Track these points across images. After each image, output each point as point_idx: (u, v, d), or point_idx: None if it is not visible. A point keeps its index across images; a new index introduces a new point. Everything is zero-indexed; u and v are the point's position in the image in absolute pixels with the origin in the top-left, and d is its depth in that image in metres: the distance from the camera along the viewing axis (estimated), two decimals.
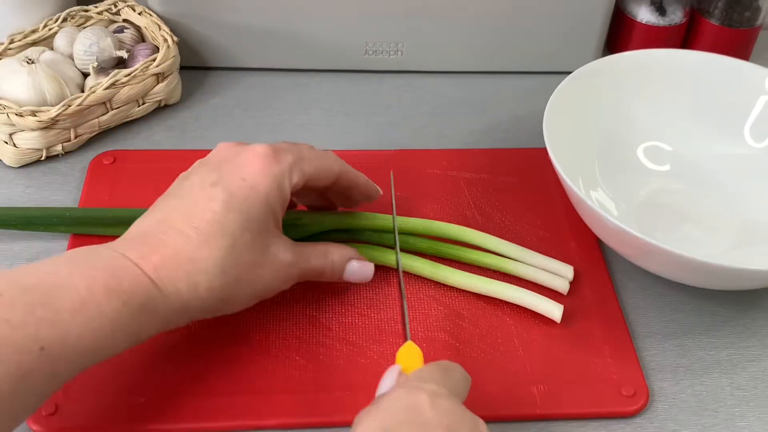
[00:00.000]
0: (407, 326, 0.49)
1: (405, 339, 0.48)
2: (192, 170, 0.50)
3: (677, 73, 0.65)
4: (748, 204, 0.62)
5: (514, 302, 0.55)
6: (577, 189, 0.53)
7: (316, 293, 0.55)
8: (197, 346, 0.52)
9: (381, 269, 0.56)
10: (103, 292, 0.42)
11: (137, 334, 0.44)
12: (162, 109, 0.70)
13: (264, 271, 0.48)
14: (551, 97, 0.59)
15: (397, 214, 0.58)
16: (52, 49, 0.68)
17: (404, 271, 0.56)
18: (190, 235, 0.45)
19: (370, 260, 0.55)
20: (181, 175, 0.51)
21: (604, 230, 0.54)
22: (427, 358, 0.52)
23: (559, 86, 0.60)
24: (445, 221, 0.59)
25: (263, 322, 0.53)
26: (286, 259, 0.49)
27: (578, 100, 0.62)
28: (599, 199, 0.61)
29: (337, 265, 0.52)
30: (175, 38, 0.68)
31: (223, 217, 0.46)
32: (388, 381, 0.44)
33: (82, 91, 0.66)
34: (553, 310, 0.54)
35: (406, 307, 0.50)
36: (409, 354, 0.46)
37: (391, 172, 0.61)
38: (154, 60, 0.66)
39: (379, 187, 0.56)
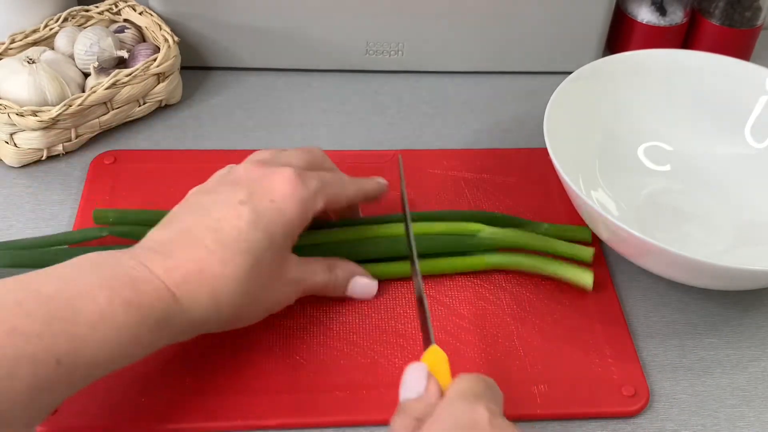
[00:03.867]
0: (430, 329, 0.46)
1: (430, 342, 0.45)
2: (216, 185, 0.50)
3: (678, 74, 0.65)
4: (748, 204, 0.62)
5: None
6: (578, 189, 0.53)
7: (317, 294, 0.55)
8: (197, 347, 0.52)
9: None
10: (122, 305, 0.42)
11: (151, 346, 0.44)
12: (162, 109, 0.70)
13: (276, 289, 0.49)
14: (552, 97, 0.59)
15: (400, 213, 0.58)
16: (52, 48, 0.68)
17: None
18: (216, 250, 0.45)
19: (379, 275, 0.55)
20: (199, 187, 0.51)
21: (604, 230, 0.54)
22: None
23: (560, 86, 0.60)
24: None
25: (263, 322, 0.53)
26: (295, 276, 0.50)
27: (579, 100, 0.62)
28: (599, 199, 0.61)
29: (341, 280, 0.53)
30: (176, 38, 0.68)
31: (249, 236, 0.46)
32: (415, 383, 0.42)
33: (83, 91, 0.66)
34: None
35: (428, 310, 0.48)
36: (436, 360, 0.44)
37: (399, 156, 0.61)
38: (154, 60, 0.66)
39: (383, 180, 0.56)
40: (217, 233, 0.46)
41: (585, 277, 0.55)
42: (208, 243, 0.46)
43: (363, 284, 0.54)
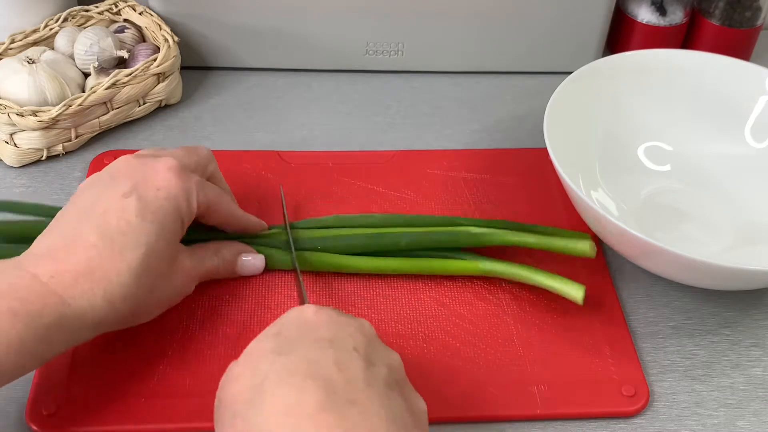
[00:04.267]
0: (304, 293, 0.53)
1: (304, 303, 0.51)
2: (96, 180, 0.49)
3: (678, 73, 0.65)
4: (748, 204, 0.62)
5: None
6: (578, 189, 0.53)
7: (317, 294, 0.55)
8: (196, 347, 0.52)
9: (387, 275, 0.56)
10: (7, 316, 0.41)
11: (44, 354, 0.43)
12: (162, 109, 0.70)
13: (173, 279, 0.49)
14: (552, 96, 0.59)
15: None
16: (52, 49, 0.68)
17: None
18: (104, 247, 0.45)
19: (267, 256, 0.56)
20: (80, 186, 0.50)
21: (604, 230, 0.54)
22: (427, 358, 0.52)
23: (560, 86, 0.60)
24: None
25: (264, 322, 0.53)
26: (188, 265, 0.50)
27: (579, 100, 0.62)
28: (600, 199, 0.61)
29: (229, 261, 0.54)
30: (176, 38, 0.68)
31: (137, 227, 0.46)
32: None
33: (83, 91, 0.66)
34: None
35: (300, 276, 0.54)
36: None
37: (281, 186, 0.61)
38: (154, 60, 0.66)
39: (263, 223, 0.56)
40: (103, 229, 0.45)
41: (575, 293, 0.53)
42: (95, 241, 0.45)
43: (251, 260, 0.55)
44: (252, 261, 0.55)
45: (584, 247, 0.54)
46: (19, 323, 0.41)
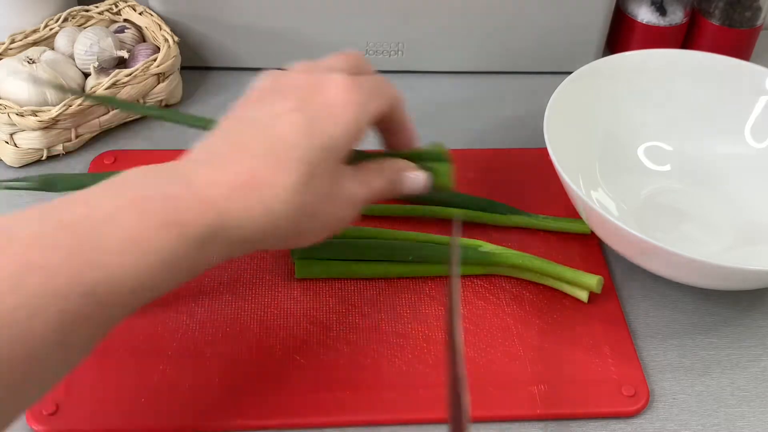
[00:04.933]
0: (455, 296, 0.47)
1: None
2: (262, 94, 0.47)
3: (678, 73, 0.65)
4: (748, 204, 0.62)
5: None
6: (578, 189, 0.53)
7: (317, 293, 0.55)
8: (197, 347, 0.52)
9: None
10: (156, 226, 0.38)
11: (196, 268, 0.41)
12: (163, 109, 0.70)
13: (336, 204, 0.46)
14: (552, 96, 0.59)
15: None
16: (52, 49, 0.68)
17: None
18: (268, 159, 0.42)
19: (383, 275, 0.56)
20: (243, 99, 0.47)
21: (605, 230, 0.54)
22: (427, 358, 0.52)
23: (560, 86, 0.60)
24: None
25: (264, 322, 0.53)
26: (354, 189, 0.47)
27: (579, 100, 0.62)
28: (600, 199, 0.61)
29: (394, 180, 0.50)
30: (176, 38, 0.68)
31: (303, 143, 0.43)
32: None
33: (83, 91, 0.66)
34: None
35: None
36: None
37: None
38: (154, 60, 0.66)
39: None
40: (267, 141, 0.43)
41: (579, 293, 0.55)
42: (258, 152, 0.42)
43: (414, 179, 0.51)
44: (416, 178, 0.51)
45: (591, 281, 0.55)
46: (171, 234, 0.39)
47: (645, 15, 0.75)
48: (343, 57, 0.49)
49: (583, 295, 0.55)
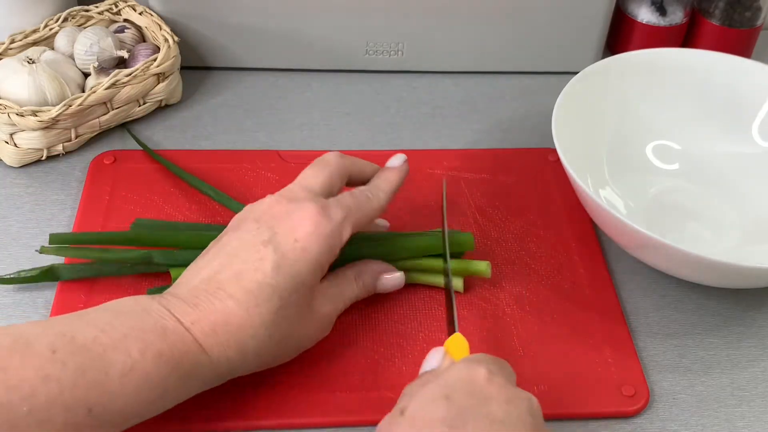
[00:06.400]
0: (455, 318, 0.50)
1: (453, 330, 0.49)
2: (241, 222, 0.49)
3: (686, 72, 0.65)
4: (756, 202, 0.62)
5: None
6: (587, 188, 0.53)
7: None
8: None
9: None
10: (153, 358, 0.42)
11: (180, 397, 0.45)
12: (162, 108, 0.70)
13: (309, 325, 0.48)
14: (559, 96, 0.59)
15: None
16: (52, 49, 0.68)
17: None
18: (240, 298, 0.45)
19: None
20: (231, 222, 0.50)
21: (614, 229, 0.54)
22: None
23: (567, 85, 0.60)
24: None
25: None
26: (327, 309, 0.49)
27: (586, 99, 0.62)
28: (608, 198, 0.61)
29: (369, 284, 0.53)
30: (176, 38, 0.68)
31: (273, 279, 0.45)
32: (433, 360, 0.46)
33: (83, 91, 0.66)
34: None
35: (454, 298, 0.51)
36: (457, 345, 0.47)
37: (444, 181, 0.61)
38: (154, 60, 0.66)
39: (403, 165, 0.55)
40: (240, 279, 0.45)
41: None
42: (233, 290, 0.45)
43: (392, 281, 0.54)
44: (393, 279, 0.54)
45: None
46: (164, 366, 0.43)
47: (645, 15, 0.75)
48: (319, 170, 0.51)
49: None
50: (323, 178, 0.51)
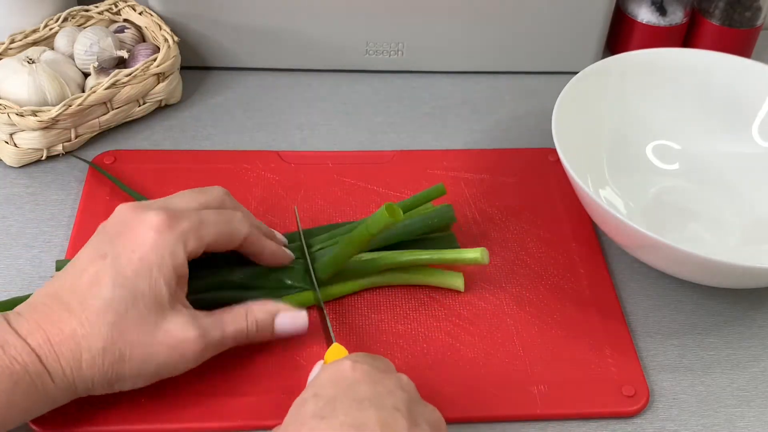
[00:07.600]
0: (330, 329, 0.51)
1: (331, 342, 0.50)
2: (97, 232, 0.48)
3: (686, 72, 0.65)
4: (756, 202, 0.62)
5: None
6: (587, 188, 0.53)
7: None
8: None
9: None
10: (1, 369, 0.42)
11: (29, 411, 0.44)
12: (162, 108, 0.70)
13: (157, 350, 0.46)
14: (560, 95, 0.59)
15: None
16: (52, 49, 0.68)
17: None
18: (75, 310, 0.44)
19: (302, 305, 0.52)
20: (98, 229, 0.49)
21: (614, 229, 0.54)
22: (427, 358, 0.52)
23: (568, 85, 0.60)
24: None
25: None
26: (187, 335, 0.46)
27: (587, 98, 0.62)
28: (608, 198, 0.61)
29: (262, 323, 0.49)
30: (176, 38, 0.68)
31: (108, 293, 0.45)
32: (312, 374, 0.47)
33: (83, 91, 0.66)
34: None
35: (326, 311, 0.52)
36: (336, 354, 0.48)
37: (295, 207, 0.60)
38: (154, 60, 0.66)
39: (290, 253, 0.54)
40: (76, 292, 0.45)
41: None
42: (69, 302, 0.45)
43: (290, 318, 0.50)
44: (293, 319, 0.50)
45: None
46: (7, 381, 0.42)
47: (645, 15, 0.75)
48: (197, 193, 0.51)
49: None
50: (196, 200, 0.50)
